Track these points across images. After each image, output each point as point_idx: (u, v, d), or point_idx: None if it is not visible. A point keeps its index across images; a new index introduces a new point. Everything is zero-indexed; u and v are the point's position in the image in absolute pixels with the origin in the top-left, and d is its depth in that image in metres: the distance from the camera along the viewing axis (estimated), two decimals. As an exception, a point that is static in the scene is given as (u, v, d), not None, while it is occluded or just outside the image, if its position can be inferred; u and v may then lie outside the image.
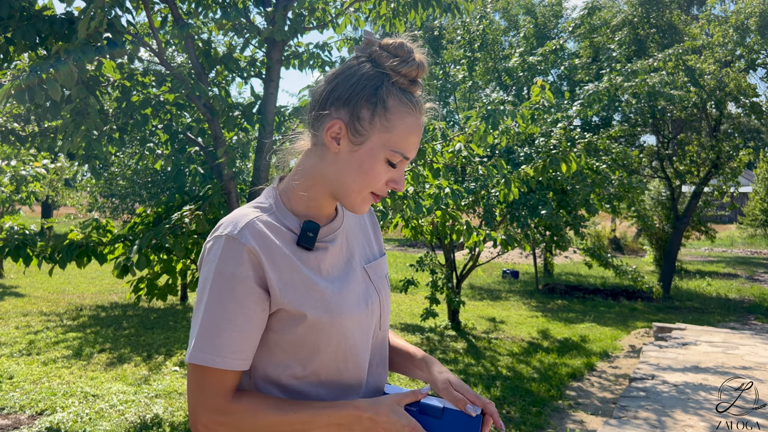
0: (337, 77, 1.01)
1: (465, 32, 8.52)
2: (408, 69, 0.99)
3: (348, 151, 1.00)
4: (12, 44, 3.19)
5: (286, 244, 1.00)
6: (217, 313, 0.94)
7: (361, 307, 1.07)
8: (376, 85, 0.99)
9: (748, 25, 10.57)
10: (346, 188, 1.02)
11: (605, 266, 7.49)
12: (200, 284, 0.98)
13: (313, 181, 1.05)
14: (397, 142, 1.00)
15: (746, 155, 11.03)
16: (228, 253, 0.96)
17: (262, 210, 1.02)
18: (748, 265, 17.50)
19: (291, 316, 0.99)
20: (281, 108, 4.19)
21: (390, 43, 1.00)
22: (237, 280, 0.95)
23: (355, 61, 1.02)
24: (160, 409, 4.36)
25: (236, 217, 1.00)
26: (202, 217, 3.66)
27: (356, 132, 0.99)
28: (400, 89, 1.00)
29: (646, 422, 4.02)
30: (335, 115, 1.00)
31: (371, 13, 4.36)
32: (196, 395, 0.97)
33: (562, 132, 6.46)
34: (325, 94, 1.02)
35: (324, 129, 1.00)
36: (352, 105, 0.99)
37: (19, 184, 5.07)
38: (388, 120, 0.99)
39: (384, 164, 1.01)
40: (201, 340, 0.95)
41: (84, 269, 4.29)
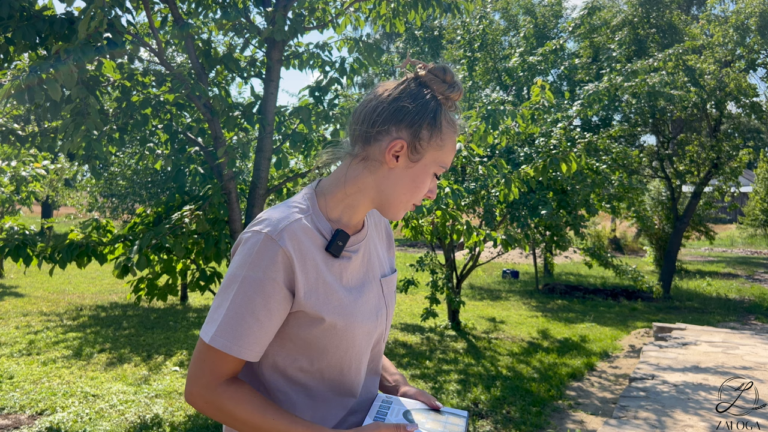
0: (398, 100, 1.09)
1: (465, 32, 8.52)
2: (455, 94, 1.11)
3: (404, 167, 1.10)
4: (12, 44, 3.19)
5: (316, 249, 1.07)
6: (243, 305, 1.00)
7: (372, 318, 1.14)
8: (435, 109, 1.09)
9: (748, 25, 10.57)
10: (396, 199, 1.12)
11: (605, 266, 7.49)
12: (232, 271, 1.03)
13: (358, 189, 1.12)
14: (444, 157, 1.12)
15: (746, 155, 11.03)
16: (264, 251, 1.01)
17: (301, 212, 1.08)
18: (748, 265, 17.50)
19: (310, 318, 1.06)
20: (281, 108, 4.19)
21: (438, 68, 1.10)
22: (267, 279, 1.01)
23: (411, 86, 1.11)
24: (160, 409, 4.36)
25: (278, 217, 1.05)
26: (202, 217, 3.66)
27: (415, 151, 1.09)
28: (447, 111, 1.12)
29: (646, 422, 4.02)
30: (396, 135, 1.08)
31: (371, 13, 4.35)
32: (198, 367, 1.03)
33: (562, 132, 6.46)
34: (386, 115, 1.09)
35: (385, 147, 1.09)
36: (415, 127, 1.08)
37: (19, 185, 5.07)
38: (442, 140, 1.10)
39: (431, 177, 1.13)
40: (224, 326, 1.00)
41: (84, 269, 4.29)
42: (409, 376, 5.48)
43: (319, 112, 4.11)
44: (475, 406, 4.71)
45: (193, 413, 4.32)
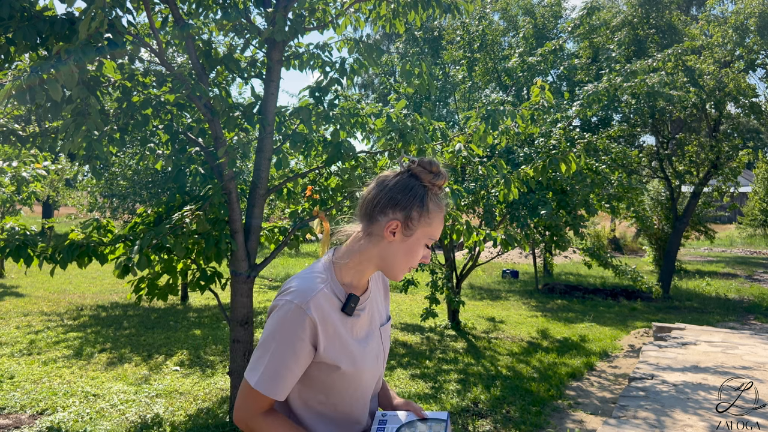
0: (392, 189, 1.38)
1: (464, 33, 8.53)
2: (440, 181, 1.39)
3: (400, 241, 1.38)
4: (13, 44, 3.19)
5: (334, 311, 1.37)
6: (279, 360, 1.32)
7: (375, 362, 1.45)
8: (422, 195, 1.38)
9: (748, 26, 10.58)
10: (396, 266, 1.41)
11: (605, 266, 7.50)
12: (271, 330, 1.32)
13: (364, 258, 1.41)
14: (433, 231, 1.40)
15: (745, 155, 11.04)
16: (295, 319, 1.31)
17: (322, 281, 1.37)
18: (748, 265, 17.51)
19: (328, 366, 1.36)
20: (281, 108, 4.19)
21: (426, 162, 1.39)
22: (297, 339, 1.31)
23: (402, 177, 1.40)
24: (161, 409, 4.37)
25: (305, 288, 1.34)
26: (203, 217, 3.67)
27: (408, 228, 1.38)
28: (436, 195, 1.40)
29: (646, 422, 4.03)
30: (392, 216, 1.37)
31: (371, 13, 4.36)
32: (243, 401, 1.34)
33: (561, 132, 6.46)
34: (384, 200, 1.38)
35: (384, 226, 1.37)
36: (407, 210, 1.37)
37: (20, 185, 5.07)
38: (429, 218, 1.39)
39: (423, 247, 1.41)
40: (264, 375, 1.31)
41: (85, 269, 4.30)
42: (409, 375, 5.49)
43: (320, 113, 4.11)
44: (474, 406, 4.72)
45: (194, 413, 4.34)
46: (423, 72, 4.45)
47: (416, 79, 4.45)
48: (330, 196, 4.59)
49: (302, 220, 4.46)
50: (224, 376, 5.21)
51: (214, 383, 5.02)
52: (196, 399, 4.63)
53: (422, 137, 4.14)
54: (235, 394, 4.02)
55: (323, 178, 4.68)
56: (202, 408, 4.44)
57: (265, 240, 4.49)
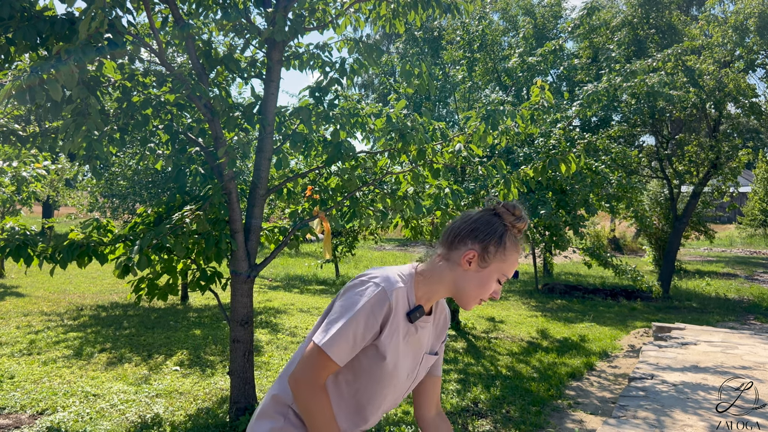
0: (476, 222, 1.52)
1: (464, 33, 8.52)
2: (520, 224, 1.52)
3: (474, 271, 1.50)
4: (13, 44, 3.19)
5: (402, 312, 1.50)
6: (352, 329, 1.43)
7: (406, 378, 1.57)
8: (501, 232, 1.50)
9: (748, 26, 10.58)
10: (467, 294, 1.52)
11: (605, 266, 7.50)
12: (350, 301, 1.45)
13: (439, 280, 1.53)
14: (506, 268, 1.52)
15: (745, 155, 11.04)
16: (378, 298, 1.44)
17: (403, 282, 1.50)
18: (747, 265, 17.51)
19: (377, 353, 1.48)
20: (281, 108, 4.19)
21: (510, 205, 1.53)
22: (372, 316, 1.44)
23: (486, 213, 1.53)
24: (161, 409, 4.37)
25: (392, 280, 1.48)
26: (203, 217, 3.67)
27: (483, 260, 1.50)
28: (514, 236, 1.52)
29: (645, 422, 4.03)
30: (471, 246, 1.50)
31: (371, 13, 4.36)
32: (308, 362, 1.44)
33: (561, 132, 6.46)
34: (466, 231, 1.51)
35: (462, 254, 1.50)
36: (485, 243, 1.49)
37: (20, 185, 5.07)
38: (505, 255, 1.50)
39: (495, 282, 1.52)
40: (335, 338, 1.41)
41: (85, 269, 4.30)
42: (408, 375, 5.48)
43: (320, 113, 4.11)
44: (474, 406, 4.72)
45: (194, 413, 4.34)
46: (423, 72, 4.45)
47: (416, 79, 4.45)
48: (330, 196, 4.59)
49: (302, 220, 4.46)
50: (224, 376, 5.21)
51: (214, 383, 5.02)
52: (196, 399, 4.63)
53: (422, 137, 4.14)
54: (236, 394, 4.02)
55: (323, 178, 4.68)
56: (202, 408, 4.44)
57: (265, 240, 4.49)
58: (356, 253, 14.42)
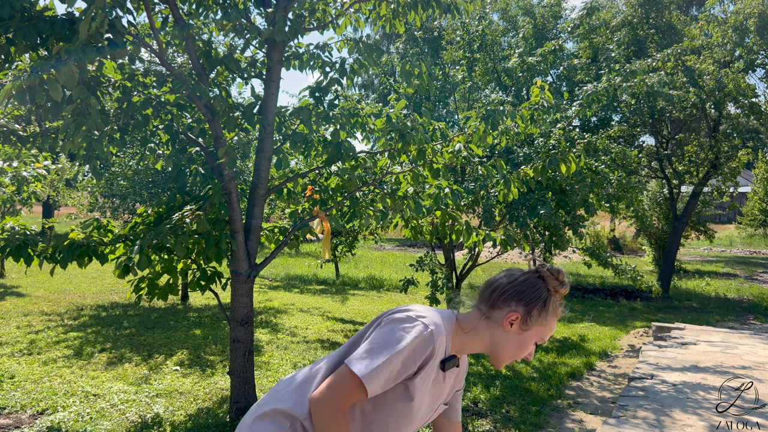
0: (522, 284, 1.52)
1: (464, 33, 8.53)
2: (563, 290, 1.54)
3: (515, 332, 1.51)
4: (13, 45, 3.20)
5: (439, 358, 1.50)
6: (392, 365, 1.41)
7: (420, 420, 1.57)
8: (546, 297, 1.52)
9: (747, 26, 10.58)
10: (503, 354, 1.53)
11: (604, 266, 7.50)
12: (395, 335, 1.43)
13: (476, 336, 1.53)
14: (545, 332, 1.54)
15: (745, 155, 11.04)
16: (424, 340, 1.44)
17: (445, 329, 1.50)
18: (747, 265, 17.51)
19: (406, 392, 1.48)
20: (281, 108, 4.20)
21: (555, 270, 1.54)
22: (413, 357, 1.43)
23: (532, 276, 1.54)
24: (161, 409, 4.38)
25: (438, 325, 1.47)
26: (203, 217, 3.67)
27: (526, 323, 1.51)
28: (555, 301, 1.54)
29: (645, 422, 4.04)
30: (515, 309, 1.50)
31: (371, 14, 4.36)
32: (338, 386, 1.41)
33: (561, 132, 6.47)
34: (511, 292, 1.51)
35: (504, 315, 1.51)
36: (530, 307, 1.50)
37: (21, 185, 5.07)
38: (546, 319, 1.52)
39: (532, 344, 1.54)
40: (376, 371, 1.39)
41: (85, 269, 4.30)
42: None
43: (320, 113, 4.12)
44: (474, 405, 4.72)
45: (194, 413, 4.34)
46: (423, 72, 4.46)
47: (416, 79, 4.45)
48: (330, 196, 4.60)
49: (302, 220, 4.46)
50: (224, 375, 5.21)
51: (215, 383, 5.03)
52: (197, 399, 4.64)
53: (422, 137, 4.15)
54: (236, 394, 4.03)
55: (323, 178, 4.69)
56: (203, 408, 4.44)
57: (265, 240, 4.49)
58: (356, 252, 14.43)
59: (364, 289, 11.43)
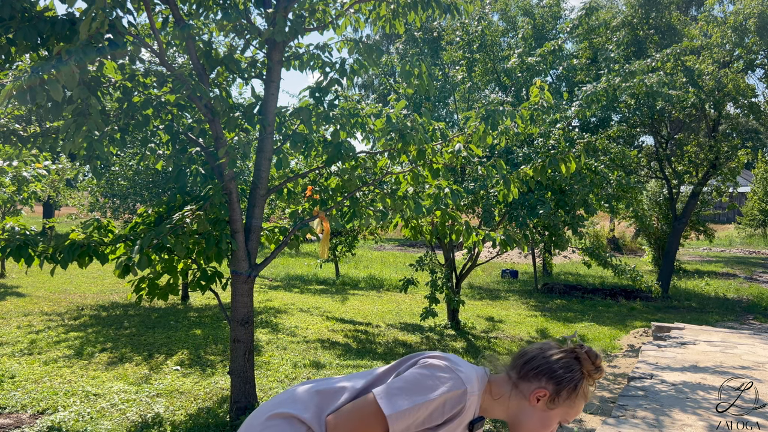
0: (556, 362, 1.49)
1: (464, 33, 8.53)
2: (598, 375, 1.50)
3: (541, 410, 1.49)
4: (13, 45, 3.20)
5: (466, 417, 1.47)
6: (421, 410, 1.40)
7: None
8: (578, 380, 1.48)
9: (747, 26, 10.59)
10: (526, 428, 1.50)
11: (604, 266, 7.51)
12: (429, 382, 1.42)
13: (502, 402, 1.51)
14: (572, 414, 1.51)
15: (744, 155, 11.05)
16: (457, 396, 1.42)
17: (478, 389, 1.48)
18: (747, 265, 17.52)
19: None
20: (282, 108, 4.21)
21: (592, 353, 1.50)
22: (442, 410, 1.42)
23: (568, 355, 1.51)
24: (162, 408, 4.38)
25: (474, 383, 1.46)
26: (203, 217, 3.68)
27: (553, 402, 1.48)
28: (587, 385, 1.50)
29: (644, 421, 4.05)
30: (544, 385, 1.48)
31: (371, 14, 4.37)
32: (356, 414, 1.41)
33: (560, 132, 6.48)
34: (543, 368, 1.49)
35: (533, 389, 1.49)
36: (560, 387, 1.47)
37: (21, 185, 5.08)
38: (574, 402, 1.49)
39: (556, 423, 1.51)
40: (404, 413, 1.38)
41: (85, 269, 4.31)
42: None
43: (320, 113, 4.12)
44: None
45: (194, 412, 4.34)
46: (422, 72, 4.46)
47: (416, 79, 4.46)
48: (330, 196, 4.61)
49: (302, 220, 4.47)
50: (225, 375, 5.22)
51: (215, 383, 5.03)
52: (197, 398, 4.64)
53: (422, 137, 4.15)
54: (236, 393, 4.03)
55: (323, 179, 4.70)
56: (203, 407, 4.45)
57: (265, 240, 4.50)
58: (356, 252, 14.43)
59: (364, 289, 11.43)
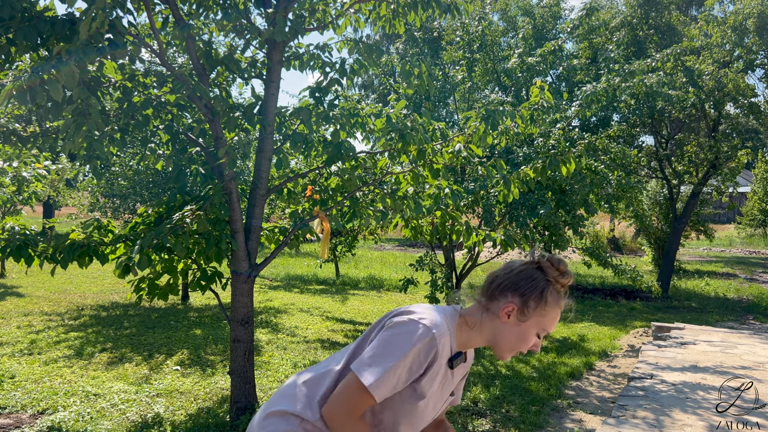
0: (517, 275, 1.51)
1: (464, 33, 8.53)
2: (564, 280, 1.50)
3: (513, 324, 1.50)
4: (13, 45, 3.20)
5: (445, 358, 1.51)
6: (398, 370, 1.43)
7: (430, 415, 1.59)
8: (543, 287, 1.49)
9: (747, 26, 10.59)
10: (503, 345, 1.53)
11: (604, 266, 7.51)
12: (398, 341, 1.44)
13: (478, 329, 1.54)
14: (546, 323, 1.51)
15: (744, 155, 11.05)
16: (427, 344, 1.44)
17: (449, 328, 1.50)
18: (747, 265, 17.52)
19: (414, 393, 1.50)
20: (282, 108, 4.21)
21: (555, 259, 1.51)
22: (418, 361, 1.44)
23: (529, 267, 1.52)
24: (162, 408, 4.38)
25: (440, 325, 1.47)
26: (203, 217, 3.68)
27: (523, 314, 1.49)
28: (557, 291, 1.50)
29: (645, 421, 4.05)
30: (511, 300, 1.50)
31: (371, 14, 4.37)
32: (347, 397, 1.44)
33: (560, 132, 6.47)
34: (506, 283, 1.51)
35: (501, 306, 1.50)
36: (526, 297, 1.48)
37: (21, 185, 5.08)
38: (545, 310, 1.49)
39: (534, 336, 1.52)
40: (382, 379, 1.41)
41: (85, 269, 4.31)
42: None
43: (320, 113, 4.12)
44: (474, 405, 4.73)
45: (194, 412, 4.34)
46: (422, 72, 4.46)
47: (416, 79, 4.46)
48: (330, 196, 4.61)
49: (302, 220, 4.47)
50: (225, 375, 5.22)
51: (215, 383, 5.03)
52: (197, 398, 4.64)
53: (422, 137, 4.15)
54: (236, 393, 4.03)
55: (323, 178, 4.70)
56: (203, 407, 4.45)
57: (265, 240, 4.50)
58: (356, 252, 14.43)
59: (364, 289, 11.43)
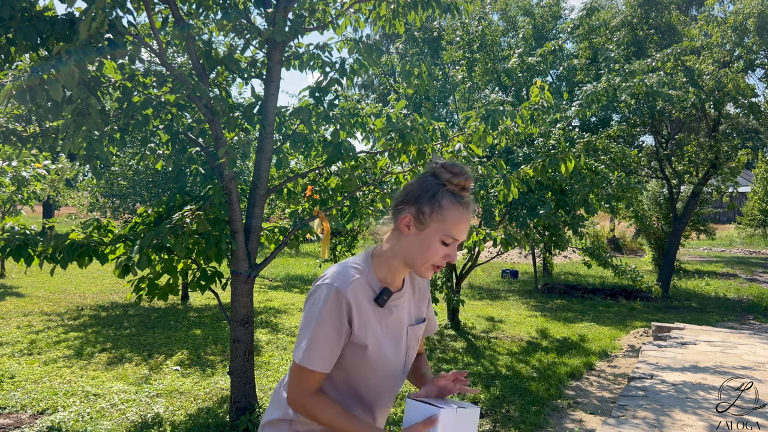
0: (411, 184, 1.49)
1: (464, 33, 8.53)
2: (459, 181, 1.44)
3: (414, 234, 1.46)
4: (13, 45, 3.20)
5: (368, 300, 1.48)
6: (320, 335, 1.43)
7: (396, 356, 1.55)
8: (435, 191, 1.45)
9: (747, 26, 10.59)
10: (414, 260, 1.47)
11: (604, 266, 7.50)
12: (310, 310, 1.44)
13: (392, 254, 1.50)
14: (449, 228, 1.44)
15: (745, 155, 11.05)
16: (334, 299, 1.42)
17: (358, 272, 1.48)
18: (747, 265, 17.52)
19: (357, 346, 1.47)
20: (281, 108, 4.20)
21: (448, 163, 1.47)
22: (335, 317, 1.42)
23: (424, 176, 1.49)
24: (161, 408, 4.38)
25: (343, 275, 1.45)
26: (203, 217, 3.67)
27: (420, 222, 1.45)
28: (452, 193, 1.45)
29: (645, 422, 4.04)
30: (407, 210, 1.46)
31: (371, 14, 4.36)
32: (294, 381, 1.45)
33: (560, 132, 6.47)
34: (402, 196, 1.49)
35: (399, 219, 1.48)
36: (419, 204, 1.45)
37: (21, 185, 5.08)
38: (442, 214, 1.44)
39: (439, 244, 1.45)
40: (308, 349, 1.42)
41: (85, 269, 4.31)
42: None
43: (320, 113, 4.12)
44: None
45: (194, 412, 4.35)
46: (422, 72, 4.46)
47: (416, 79, 4.46)
48: (330, 196, 4.60)
49: (302, 220, 4.46)
50: (224, 375, 5.22)
51: (215, 383, 5.03)
52: (197, 398, 4.64)
53: (422, 137, 4.15)
54: (236, 394, 4.03)
55: (323, 178, 4.69)
56: (203, 407, 4.45)
57: (265, 240, 4.49)
58: (356, 252, 14.43)
59: (364, 289, 11.42)
